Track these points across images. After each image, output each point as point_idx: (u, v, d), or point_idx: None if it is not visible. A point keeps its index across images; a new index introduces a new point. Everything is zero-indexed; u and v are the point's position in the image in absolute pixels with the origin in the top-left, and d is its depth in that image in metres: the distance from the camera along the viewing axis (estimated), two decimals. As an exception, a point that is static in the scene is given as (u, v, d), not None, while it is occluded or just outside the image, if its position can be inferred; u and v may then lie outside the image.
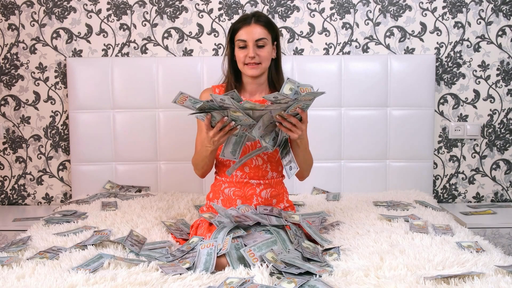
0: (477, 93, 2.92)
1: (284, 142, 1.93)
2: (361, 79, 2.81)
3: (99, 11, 2.87)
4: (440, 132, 2.94)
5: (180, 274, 1.59)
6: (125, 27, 2.88)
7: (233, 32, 2.01)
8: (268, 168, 2.05)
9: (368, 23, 2.88)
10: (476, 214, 2.68)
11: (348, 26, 2.88)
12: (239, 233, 1.76)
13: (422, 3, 2.86)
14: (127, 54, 2.89)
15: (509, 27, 2.87)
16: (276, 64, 2.06)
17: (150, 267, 1.64)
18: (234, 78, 2.07)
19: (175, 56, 2.90)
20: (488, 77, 2.90)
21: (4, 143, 2.94)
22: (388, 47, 2.89)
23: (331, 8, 2.87)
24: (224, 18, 2.87)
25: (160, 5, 2.87)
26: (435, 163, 2.95)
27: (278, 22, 2.86)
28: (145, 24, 2.88)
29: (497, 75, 2.90)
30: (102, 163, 2.86)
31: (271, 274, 1.58)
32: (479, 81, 2.91)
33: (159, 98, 2.83)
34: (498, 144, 2.95)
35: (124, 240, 1.88)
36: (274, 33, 2.01)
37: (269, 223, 1.84)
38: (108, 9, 2.87)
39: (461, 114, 2.93)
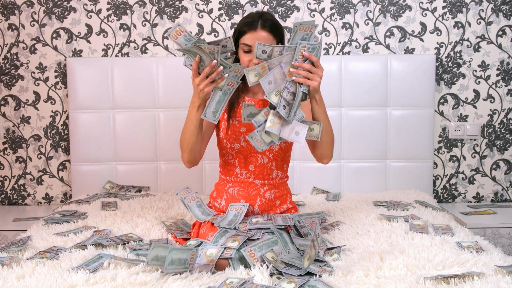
0: (477, 93, 2.92)
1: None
2: (361, 79, 2.81)
3: (99, 11, 2.87)
4: (440, 132, 2.94)
5: (180, 274, 1.59)
6: (125, 27, 2.88)
7: (238, 34, 1.99)
8: (273, 166, 2.05)
9: (368, 23, 2.88)
10: (476, 214, 2.68)
11: (348, 26, 2.88)
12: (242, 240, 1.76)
13: (422, 3, 2.86)
14: (127, 54, 2.89)
15: (509, 27, 2.87)
16: None
17: (150, 267, 1.64)
18: None
19: (175, 56, 2.90)
20: (488, 77, 2.91)
21: (4, 143, 2.94)
22: (388, 47, 2.89)
23: (331, 8, 2.87)
24: (224, 18, 2.87)
25: (160, 5, 2.87)
26: (435, 163, 2.95)
27: (278, 22, 2.86)
28: (145, 24, 2.88)
29: (497, 75, 2.91)
30: (102, 163, 2.86)
31: (271, 274, 1.58)
32: (479, 81, 2.91)
33: (159, 98, 2.83)
34: (498, 144, 2.95)
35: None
36: (280, 37, 2.00)
37: (273, 224, 1.85)
38: (108, 9, 2.87)
39: (461, 114, 2.93)
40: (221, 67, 1.76)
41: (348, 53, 2.89)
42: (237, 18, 2.85)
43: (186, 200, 1.98)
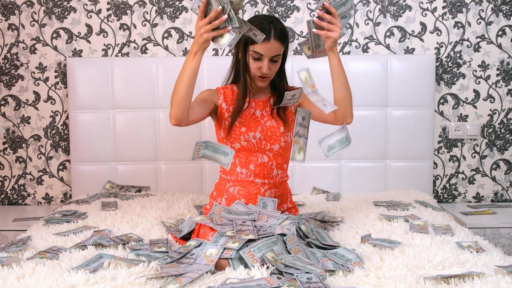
0: (477, 93, 2.92)
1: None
2: (361, 79, 2.81)
3: (99, 11, 2.87)
4: (440, 132, 2.94)
5: (181, 274, 1.59)
6: (125, 27, 2.88)
7: (250, 41, 1.95)
8: (273, 165, 2.06)
9: (368, 23, 2.88)
10: (476, 214, 2.68)
11: (348, 26, 2.87)
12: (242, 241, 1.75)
13: (422, 3, 2.86)
14: (127, 54, 2.89)
15: (509, 27, 2.87)
16: (280, 67, 2.06)
17: (150, 267, 1.64)
18: (237, 78, 2.07)
19: (175, 56, 2.90)
20: (488, 77, 2.91)
21: (4, 143, 2.94)
22: (388, 47, 2.89)
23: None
24: (224, 18, 2.87)
25: (160, 5, 2.87)
26: (435, 163, 2.95)
27: (278, 22, 2.85)
28: (145, 24, 2.88)
29: (497, 75, 2.91)
30: (102, 163, 2.86)
31: (272, 274, 1.58)
32: (479, 81, 2.91)
33: (159, 98, 2.83)
34: (498, 144, 2.95)
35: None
36: (287, 42, 2.02)
37: (272, 232, 1.84)
38: (108, 9, 2.87)
39: (461, 114, 2.93)
40: (225, 16, 1.72)
41: (348, 53, 2.89)
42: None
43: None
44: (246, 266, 1.64)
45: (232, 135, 2.03)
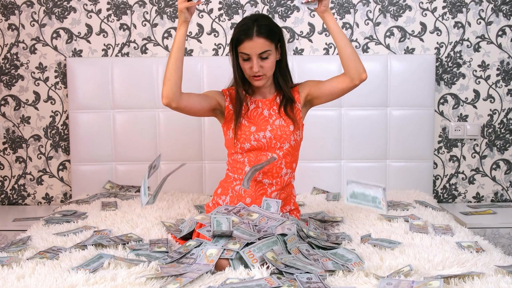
0: (477, 93, 2.92)
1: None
2: (361, 79, 2.81)
3: (99, 11, 2.87)
4: (440, 132, 2.94)
5: (181, 274, 1.59)
6: (125, 27, 2.88)
7: (236, 42, 1.99)
8: (283, 164, 2.06)
9: (368, 23, 2.88)
10: (476, 214, 2.68)
11: (348, 26, 2.87)
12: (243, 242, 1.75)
13: (422, 3, 2.86)
14: (127, 54, 2.89)
15: (509, 27, 2.87)
16: (280, 65, 2.06)
17: (150, 267, 1.64)
18: (242, 82, 2.07)
19: (175, 56, 2.89)
20: (488, 77, 2.91)
21: (4, 143, 2.94)
22: (388, 47, 2.89)
23: (331, 8, 2.86)
24: (224, 18, 2.87)
25: (160, 5, 2.87)
26: (435, 163, 2.95)
27: (278, 22, 2.85)
28: (145, 24, 2.88)
29: (497, 75, 2.91)
30: (102, 163, 2.86)
31: (272, 274, 1.58)
32: (479, 81, 2.91)
33: (159, 98, 2.82)
34: (498, 144, 2.95)
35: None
36: (277, 39, 2.01)
37: (273, 233, 1.84)
38: (108, 9, 2.87)
39: (461, 114, 2.93)
40: None
41: (348, 53, 2.89)
42: (237, 18, 2.85)
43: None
44: (246, 266, 1.64)
45: (242, 135, 2.03)
